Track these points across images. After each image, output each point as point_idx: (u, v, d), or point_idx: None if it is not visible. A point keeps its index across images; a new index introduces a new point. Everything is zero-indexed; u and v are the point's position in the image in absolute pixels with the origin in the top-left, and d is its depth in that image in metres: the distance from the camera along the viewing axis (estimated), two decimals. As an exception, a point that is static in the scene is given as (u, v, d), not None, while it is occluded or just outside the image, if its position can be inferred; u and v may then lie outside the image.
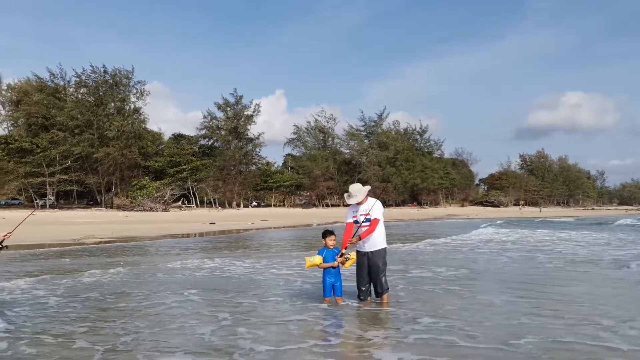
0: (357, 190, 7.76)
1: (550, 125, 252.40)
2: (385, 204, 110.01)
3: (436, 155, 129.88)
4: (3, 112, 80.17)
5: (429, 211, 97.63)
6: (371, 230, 7.56)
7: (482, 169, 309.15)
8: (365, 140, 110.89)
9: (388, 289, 7.82)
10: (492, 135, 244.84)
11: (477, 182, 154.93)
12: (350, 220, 7.78)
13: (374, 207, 7.64)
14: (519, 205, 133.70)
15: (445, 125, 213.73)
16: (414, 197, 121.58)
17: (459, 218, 66.22)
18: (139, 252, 18.30)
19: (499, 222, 44.66)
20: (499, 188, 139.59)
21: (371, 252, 7.65)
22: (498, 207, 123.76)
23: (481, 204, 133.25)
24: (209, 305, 7.82)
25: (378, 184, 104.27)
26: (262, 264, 13.77)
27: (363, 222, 7.61)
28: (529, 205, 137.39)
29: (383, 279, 7.70)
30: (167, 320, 6.80)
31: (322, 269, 7.54)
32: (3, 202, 73.24)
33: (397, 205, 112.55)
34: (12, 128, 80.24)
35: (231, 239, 26.45)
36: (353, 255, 7.53)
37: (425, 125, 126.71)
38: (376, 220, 7.61)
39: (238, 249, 19.80)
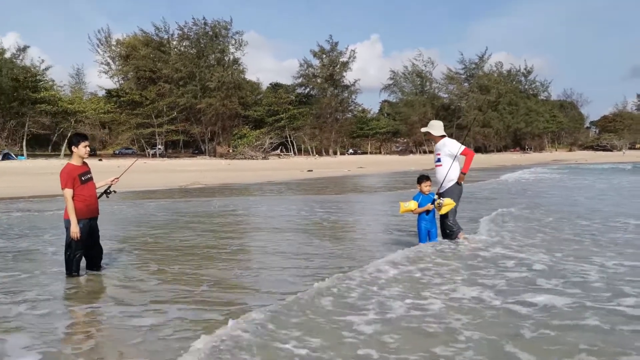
0: (437, 125, 7.91)
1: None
2: (486, 150, 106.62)
3: (542, 97, 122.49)
4: (114, 67, 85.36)
5: (532, 156, 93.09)
6: (469, 160, 7.56)
7: (594, 111, 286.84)
8: (465, 84, 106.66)
9: (459, 229, 7.69)
10: (606, 74, 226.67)
11: (587, 125, 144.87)
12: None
13: (445, 147, 7.66)
14: (634, 148, 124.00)
15: (553, 66, 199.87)
16: (517, 142, 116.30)
17: (566, 163, 62.47)
18: (241, 193, 19.08)
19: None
20: (612, 131, 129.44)
21: (440, 192, 7.60)
22: (611, 151, 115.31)
23: (592, 148, 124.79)
24: (302, 245, 7.99)
25: (478, 129, 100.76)
26: (357, 208, 13.85)
27: (436, 162, 7.82)
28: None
29: (450, 219, 7.58)
30: (262, 258, 7.05)
31: (417, 216, 7.42)
32: (117, 152, 78.97)
33: (499, 150, 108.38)
34: (122, 82, 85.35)
35: (330, 183, 26.76)
36: (448, 200, 7.34)
37: (530, 66, 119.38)
38: (468, 151, 7.59)
39: (336, 192, 20.03)
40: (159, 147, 79.39)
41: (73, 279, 6.06)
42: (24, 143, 68.27)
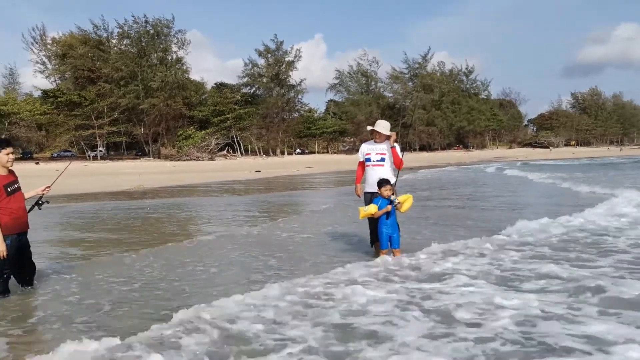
0: (384, 125, 7.74)
1: (603, 60, 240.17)
2: (430, 148, 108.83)
3: (483, 96, 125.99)
4: (50, 66, 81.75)
5: (475, 154, 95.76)
6: (397, 161, 7.55)
7: (532, 109, 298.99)
8: (409, 83, 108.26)
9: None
10: (541, 73, 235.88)
11: (525, 122, 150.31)
12: (362, 158, 7.87)
13: (390, 146, 7.63)
14: (569, 145, 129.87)
15: (491, 65, 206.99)
16: (460, 140, 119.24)
17: (506, 160, 64.54)
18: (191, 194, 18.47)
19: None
20: (549, 128, 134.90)
21: (373, 192, 7.44)
22: (548, 148, 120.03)
23: (530, 145, 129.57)
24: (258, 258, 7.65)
25: (423, 127, 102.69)
26: (305, 214, 13.58)
27: (377, 160, 7.62)
28: (580, 146, 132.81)
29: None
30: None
31: (377, 220, 7.18)
32: (55, 154, 75.64)
33: (443, 148, 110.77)
34: (59, 82, 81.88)
35: (278, 184, 26.40)
36: (404, 196, 7.15)
37: (471, 66, 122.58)
38: (401, 162, 7.62)
39: (286, 191, 19.68)
40: (100, 149, 76.54)
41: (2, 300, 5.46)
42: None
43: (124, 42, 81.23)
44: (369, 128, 7.94)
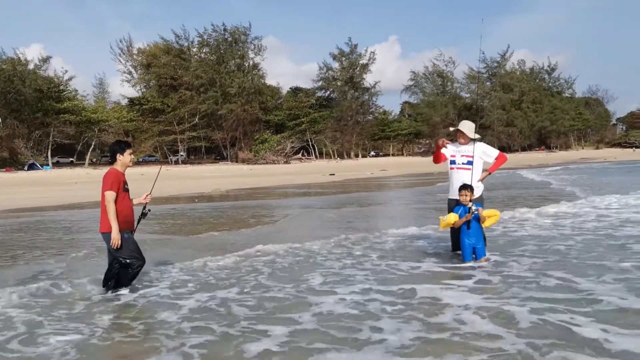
0: (469, 126, 7.44)
1: None
2: (510, 150, 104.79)
3: (567, 94, 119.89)
4: (136, 75, 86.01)
5: (558, 155, 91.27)
6: (498, 164, 7.28)
7: (621, 108, 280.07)
8: (487, 83, 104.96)
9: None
10: (632, 69, 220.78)
11: (614, 121, 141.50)
12: (447, 156, 7.46)
13: (480, 149, 7.29)
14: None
15: (576, 62, 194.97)
16: (542, 141, 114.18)
17: (593, 161, 61.03)
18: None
19: None
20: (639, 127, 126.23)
21: (458, 199, 7.02)
22: (631, 148, 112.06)
23: (619, 145, 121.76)
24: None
25: (502, 128, 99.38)
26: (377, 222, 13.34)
27: (464, 164, 7.21)
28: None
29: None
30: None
31: (459, 230, 6.83)
32: (140, 159, 79.43)
33: (523, 149, 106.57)
34: (144, 90, 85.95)
35: (354, 187, 26.26)
36: (489, 212, 6.72)
37: (554, 63, 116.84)
38: (502, 155, 7.36)
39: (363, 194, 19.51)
40: (181, 153, 79.71)
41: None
42: (49, 153, 69.04)
43: (204, 50, 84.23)
44: (452, 129, 7.65)
